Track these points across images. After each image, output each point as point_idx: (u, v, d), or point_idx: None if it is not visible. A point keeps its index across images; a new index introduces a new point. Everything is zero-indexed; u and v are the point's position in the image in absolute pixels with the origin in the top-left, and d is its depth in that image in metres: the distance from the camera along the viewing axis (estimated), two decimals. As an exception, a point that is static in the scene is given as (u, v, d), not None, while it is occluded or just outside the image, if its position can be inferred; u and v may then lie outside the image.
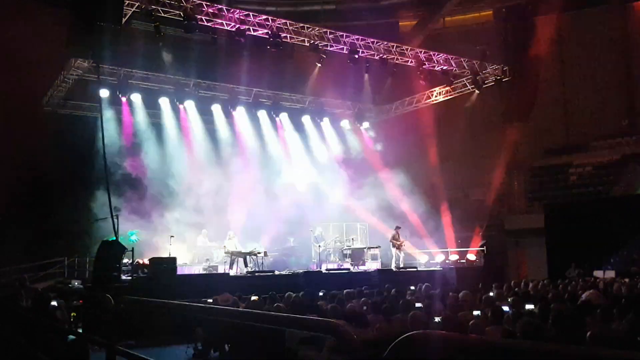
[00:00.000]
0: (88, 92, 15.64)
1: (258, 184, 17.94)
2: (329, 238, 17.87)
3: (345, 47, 15.51)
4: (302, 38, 14.94)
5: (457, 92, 18.69)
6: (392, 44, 16.38)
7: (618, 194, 18.32)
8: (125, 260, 12.54)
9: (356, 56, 15.45)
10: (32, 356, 4.54)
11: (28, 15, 14.86)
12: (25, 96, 15.06)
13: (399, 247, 16.23)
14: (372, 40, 15.91)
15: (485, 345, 1.68)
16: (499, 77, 17.55)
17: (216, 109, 18.27)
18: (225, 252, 14.82)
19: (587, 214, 16.88)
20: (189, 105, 17.59)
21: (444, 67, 17.15)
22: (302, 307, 7.44)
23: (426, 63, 16.79)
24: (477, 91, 17.97)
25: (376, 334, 5.16)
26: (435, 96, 19.21)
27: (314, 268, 16.07)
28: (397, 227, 16.56)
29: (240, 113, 18.58)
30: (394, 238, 16.31)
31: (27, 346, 4.74)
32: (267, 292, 8.93)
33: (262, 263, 15.56)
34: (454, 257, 17.61)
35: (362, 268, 16.43)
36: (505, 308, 6.75)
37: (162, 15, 13.21)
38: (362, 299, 7.85)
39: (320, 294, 9.17)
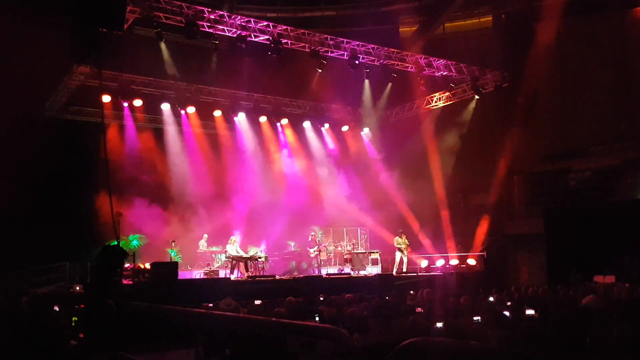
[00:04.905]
0: (90, 97, 15.71)
1: (259, 189, 18.01)
2: (325, 242, 17.91)
3: (345, 53, 15.59)
4: (303, 44, 15.03)
5: (457, 98, 18.76)
6: (393, 49, 16.46)
7: (618, 199, 18.32)
8: (126, 265, 12.57)
9: (356, 62, 15.52)
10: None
11: (30, 20, 14.92)
12: (28, 101, 15.11)
13: (403, 251, 16.27)
14: (372, 46, 16.00)
15: (485, 352, 1.72)
16: (498, 83, 17.62)
17: (217, 114, 18.35)
18: (226, 257, 14.85)
19: (587, 219, 16.88)
20: (190, 111, 17.66)
21: (444, 73, 17.22)
22: (302, 312, 7.46)
23: (426, 69, 16.87)
24: (476, 97, 18.06)
25: (376, 339, 5.19)
26: (435, 102, 19.28)
27: (315, 273, 16.09)
28: (401, 232, 16.60)
29: (241, 118, 18.66)
30: (398, 242, 16.36)
31: (28, 352, 4.76)
32: (268, 297, 8.95)
33: (263, 267, 15.60)
34: (454, 262, 17.62)
35: (362, 273, 16.45)
36: (505, 313, 6.78)
37: (164, 21, 13.30)
38: (363, 304, 7.87)
39: (321, 298, 9.19)
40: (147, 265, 13.00)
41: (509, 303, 7.95)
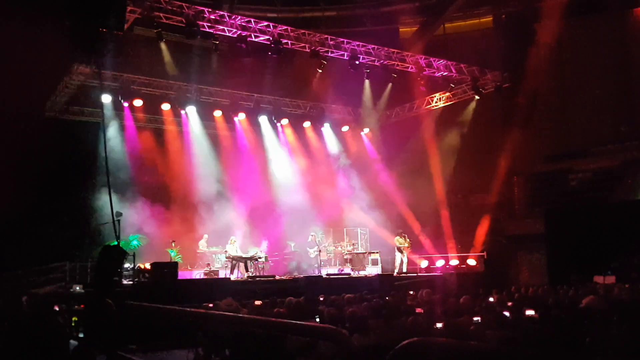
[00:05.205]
0: (90, 97, 15.70)
1: (259, 189, 18.02)
2: (325, 243, 17.89)
3: (346, 53, 15.58)
4: (303, 44, 15.02)
5: (457, 98, 18.76)
6: (393, 50, 16.46)
7: (618, 199, 18.32)
8: (126, 265, 12.57)
9: (357, 62, 15.52)
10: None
11: (30, 20, 14.94)
12: (28, 102, 15.12)
13: (402, 252, 16.26)
14: (372, 46, 16.00)
15: (485, 352, 1.72)
16: (498, 83, 17.62)
17: (218, 114, 18.35)
18: (226, 257, 14.85)
19: (587, 220, 16.86)
20: (191, 111, 17.66)
21: (444, 73, 17.22)
22: (302, 312, 7.46)
23: (426, 69, 16.87)
24: (477, 97, 18.05)
25: (376, 339, 5.19)
26: (436, 102, 19.28)
27: (315, 273, 16.08)
28: (401, 232, 16.59)
29: (241, 118, 18.65)
30: (399, 242, 16.35)
31: (28, 352, 4.76)
32: (268, 297, 8.95)
33: (263, 268, 15.60)
34: (454, 262, 17.62)
35: (362, 273, 16.45)
36: (506, 313, 6.78)
37: (164, 21, 13.30)
38: (363, 304, 7.86)
39: (321, 298, 9.19)
40: (147, 265, 12.99)
41: (509, 303, 7.95)
